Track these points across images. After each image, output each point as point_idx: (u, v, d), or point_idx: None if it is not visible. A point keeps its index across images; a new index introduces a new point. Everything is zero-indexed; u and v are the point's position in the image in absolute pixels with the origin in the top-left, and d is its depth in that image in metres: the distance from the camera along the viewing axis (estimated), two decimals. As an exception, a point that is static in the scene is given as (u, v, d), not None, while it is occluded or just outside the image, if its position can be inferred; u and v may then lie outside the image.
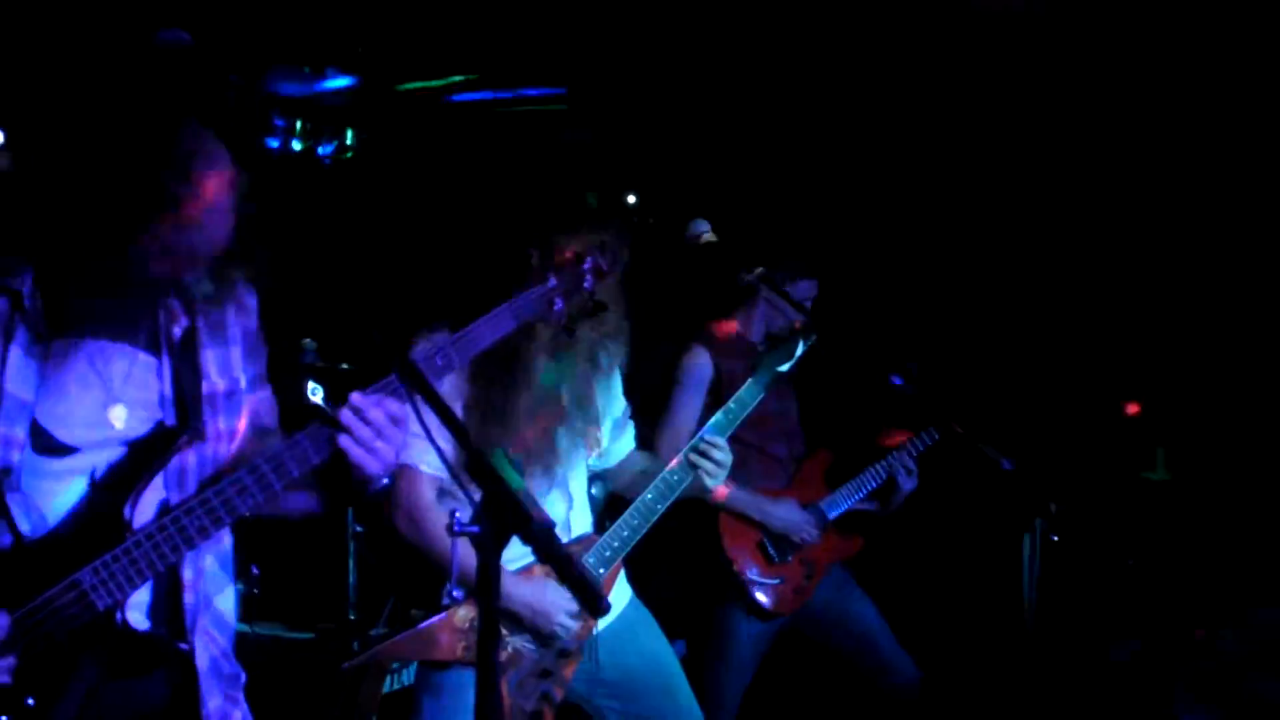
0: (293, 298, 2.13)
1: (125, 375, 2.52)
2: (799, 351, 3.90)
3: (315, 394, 5.75)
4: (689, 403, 4.60)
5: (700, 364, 4.68)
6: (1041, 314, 6.29)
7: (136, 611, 2.52)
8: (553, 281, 2.88)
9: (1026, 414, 5.36)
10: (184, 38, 2.23)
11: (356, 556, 5.70)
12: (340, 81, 7.11)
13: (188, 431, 2.53)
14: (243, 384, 2.71)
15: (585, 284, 2.94)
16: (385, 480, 2.51)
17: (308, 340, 5.49)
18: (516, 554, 3.52)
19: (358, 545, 5.70)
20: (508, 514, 1.56)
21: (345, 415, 2.45)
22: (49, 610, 2.34)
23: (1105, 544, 5.58)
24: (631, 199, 8.27)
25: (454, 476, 2.14)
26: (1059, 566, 3.90)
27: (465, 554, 3.30)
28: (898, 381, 4.13)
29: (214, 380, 2.63)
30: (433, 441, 2.06)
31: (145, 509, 2.47)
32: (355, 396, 2.47)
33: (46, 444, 2.44)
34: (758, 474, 4.74)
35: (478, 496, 1.62)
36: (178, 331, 2.58)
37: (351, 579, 5.64)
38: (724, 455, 3.66)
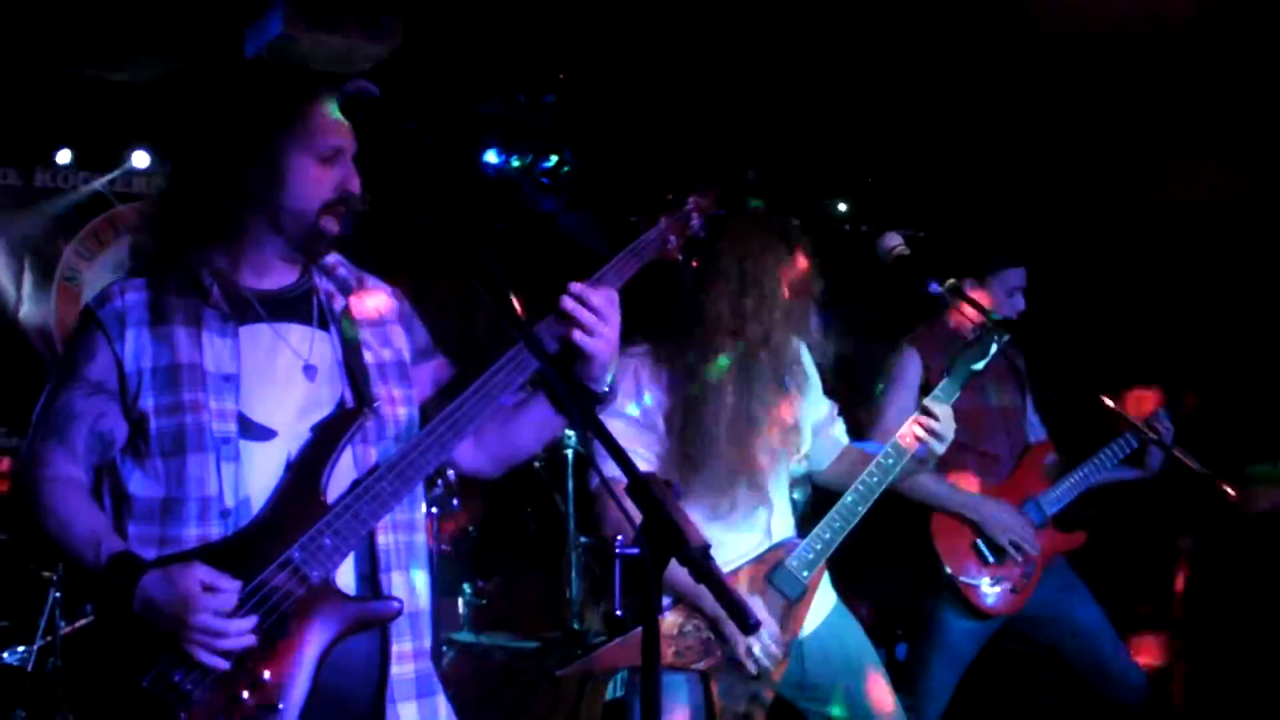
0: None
1: (308, 352, 2.69)
2: (992, 350, 3.89)
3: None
4: (899, 401, 4.62)
5: (910, 363, 4.72)
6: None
7: (346, 577, 2.63)
8: (662, 222, 2.97)
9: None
10: (371, 89, 2.41)
11: (580, 567, 5.86)
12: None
13: (365, 406, 2.66)
14: (406, 355, 2.85)
15: (694, 222, 3.01)
16: (609, 383, 2.64)
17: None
18: (727, 557, 3.63)
19: (581, 556, 5.86)
20: (665, 537, 1.65)
21: (567, 303, 2.58)
22: (268, 589, 2.48)
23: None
24: (843, 206, 8.28)
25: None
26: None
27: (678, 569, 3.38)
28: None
29: (378, 351, 2.79)
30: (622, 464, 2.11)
31: (339, 482, 2.61)
32: (574, 285, 2.58)
33: (247, 429, 2.60)
34: (973, 471, 4.72)
35: (638, 519, 1.71)
36: (338, 307, 2.76)
37: (574, 590, 5.81)
38: (946, 425, 3.66)
